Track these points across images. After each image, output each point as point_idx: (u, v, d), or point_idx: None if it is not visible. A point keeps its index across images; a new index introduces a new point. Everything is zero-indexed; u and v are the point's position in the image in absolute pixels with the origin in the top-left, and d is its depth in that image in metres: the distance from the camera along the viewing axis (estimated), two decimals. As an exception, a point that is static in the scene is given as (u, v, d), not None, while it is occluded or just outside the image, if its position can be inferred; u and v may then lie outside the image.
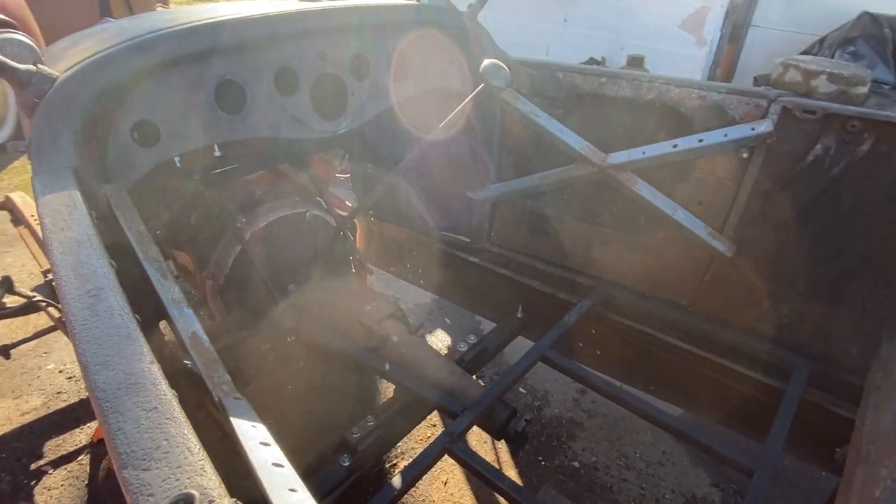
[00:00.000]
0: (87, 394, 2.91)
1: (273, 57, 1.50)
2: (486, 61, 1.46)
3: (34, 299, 2.44)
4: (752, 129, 1.72)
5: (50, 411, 2.76)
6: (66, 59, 1.26)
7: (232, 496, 0.49)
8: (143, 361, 0.58)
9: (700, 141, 1.79)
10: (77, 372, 3.02)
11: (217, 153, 1.44)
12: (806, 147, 1.70)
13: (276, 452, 0.72)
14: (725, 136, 1.75)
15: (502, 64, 1.47)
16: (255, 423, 0.81)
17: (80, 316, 0.64)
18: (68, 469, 2.46)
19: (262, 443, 0.73)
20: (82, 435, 2.65)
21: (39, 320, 2.77)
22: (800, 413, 1.72)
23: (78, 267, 0.73)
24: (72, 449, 2.57)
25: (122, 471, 0.47)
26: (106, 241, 0.91)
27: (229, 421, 0.80)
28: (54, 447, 2.56)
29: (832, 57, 3.61)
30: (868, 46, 3.55)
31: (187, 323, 0.99)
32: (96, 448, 2.57)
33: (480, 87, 1.48)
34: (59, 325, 2.53)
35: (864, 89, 1.79)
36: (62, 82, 1.11)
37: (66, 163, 1.04)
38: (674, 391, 2.16)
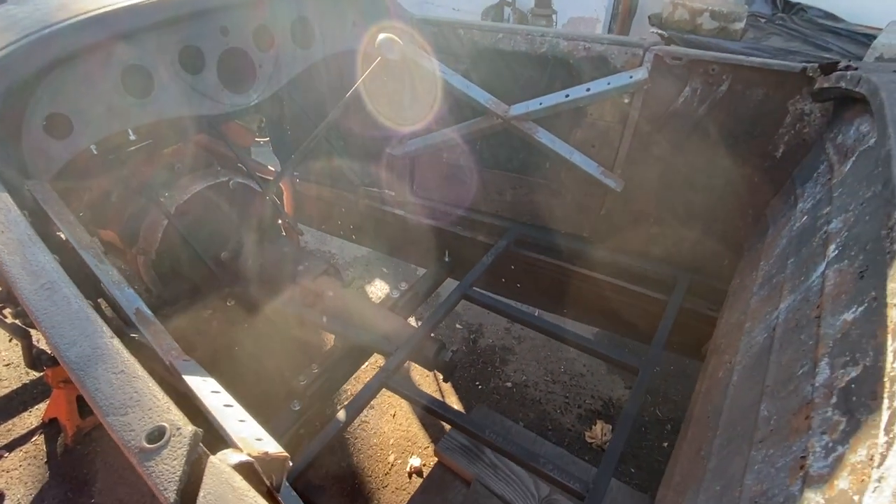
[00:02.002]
0: (28, 379, 2.93)
1: (174, 38, 1.52)
2: (381, 36, 1.55)
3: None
4: (631, 77, 1.92)
5: (-7, 399, 2.77)
6: (-41, 55, 1.26)
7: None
8: (105, 337, 0.72)
9: (588, 90, 1.98)
10: (14, 358, 3.01)
11: (132, 136, 1.49)
12: (677, 90, 1.93)
13: (225, 397, 0.88)
14: (608, 84, 1.95)
15: (395, 38, 1.57)
16: (205, 378, 0.96)
17: (42, 307, 0.76)
18: (24, 450, 2.52)
19: (212, 391, 0.90)
20: (31, 418, 2.69)
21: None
22: (681, 319, 2.04)
23: (27, 265, 0.83)
24: (24, 431, 2.62)
25: (106, 418, 0.62)
26: (40, 234, 1.00)
27: (183, 380, 0.96)
28: (5, 432, 2.60)
29: (719, -9, 3.86)
30: (750, -21, 3.82)
31: (130, 301, 1.11)
32: (49, 427, 2.63)
33: (378, 60, 1.58)
34: (-12, 314, 2.50)
35: (741, 24, 2.02)
36: None
37: (-15, 164, 1.09)
38: (583, 312, 2.46)
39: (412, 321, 2.95)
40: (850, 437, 0.71)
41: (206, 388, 0.89)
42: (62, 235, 1.19)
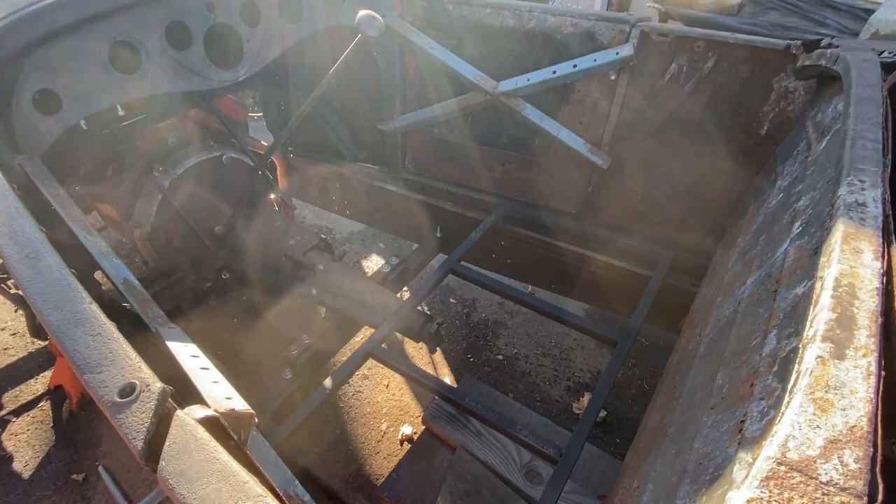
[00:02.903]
0: (34, 347, 3.02)
1: (161, 14, 1.55)
2: (361, 13, 1.57)
3: (-40, 263, 2.47)
4: (617, 54, 1.93)
5: (1, 367, 2.87)
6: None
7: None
8: (84, 303, 0.77)
9: (574, 66, 1.99)
10: (20, 328, 3.10)
11: (120, 112, 1.53)
12: (663, 66, 1.94)
13: (203, 361, 0.94)
14: (595, 60, 1.96)
15: (375, 14, 1.58)
16: (187, 344, 1.02)
17: (26, 275, 0.81)
18: (31, 415, 2.63)
19: (192, 356, 0.95)
20: (38, 385, 2.79)
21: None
22: (663, 294, 2.09)
23: (13, 236, 0.88)
24: (31, 398, 2.73)
25: (83, 375, 0.68)
26: (30, 207, 1.05)
27: (166, 345, 1.01)
28: (13, 398, 2.70)
29: (721, -36, 3.79)
30: (753, -48, 3.75)
31: (118, 271, 1.17)
32: (55, 393, 2.73)
33: (358, 37, 1.60)
34: (-7, 285, 2.58)
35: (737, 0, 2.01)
36: None
37: (-25, 140, 1.14)
38: (570, 287, 2.51)
39: (403, 295, 3.02)
40: (781, 403, 0.76)
41: (187, 353, 0.95)
42: (57, 210, 1.24)
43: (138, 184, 2.17)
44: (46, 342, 2.92)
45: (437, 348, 3.12)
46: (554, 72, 2.03)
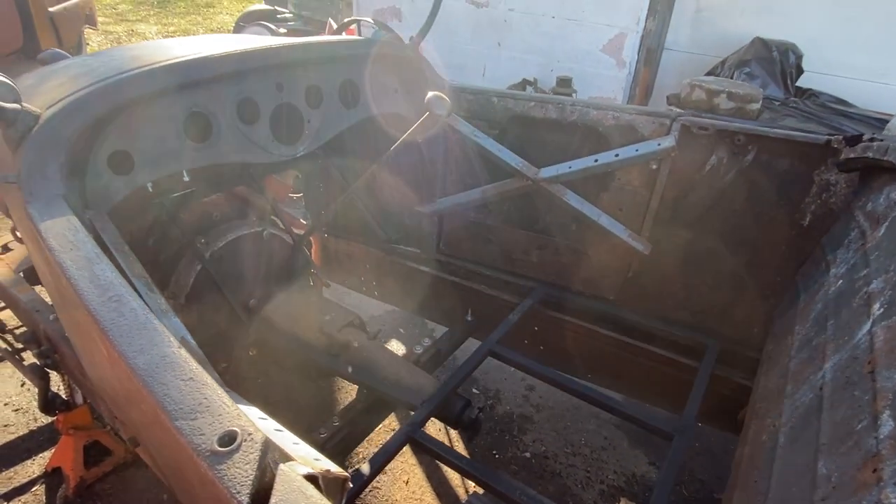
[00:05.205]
0: (35, 426, 2.86)
1: (236, 90, 1.64)
2: (430, 94, 1.66)
3: (-21, 332, 2.41)
4: (659, 145, 2.00)
5: (-2, 445, 2.70)
6: (41, 95, 1.36)
7: None
8: (173, 346, 0.72)
9: (616, 156, 2.06)
10: (24, 404, 2.96)
11: (186, 178, 1.57)
12: (703, 158, 2.01)
13: (273, 423, 0.87)
14: (637, 150, 2.03)
15: (444, 95, 1.68)
16: (249, 406, 0.95)
17: (109, 317, 0.77)
18: (22, 500, 2.43)
19: (260, 418, 0.89)
20: (34, 466, 2.61)
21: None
22: (711, 386, 2.00)
23: (94, 279, 0.86)
24: (24, 481, 2.53)
25: (174, 422, 0.62)
26: None
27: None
28: (6, 480, 2.51)
29: (731, 77, 4.08)
30: (760, 67, 4.05)
31: (176, 330, 1.13)
32: (51, 477, 2.54)
33: (426, 115, 1.68)
34: (6, 355, 2.49)
35: (757, 105, 2.12)
36: (48, 119, 1.21)
37: (55, 191, 1.14)
38: (607, 377, 2.41)
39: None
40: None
41: (255, 414, 0.88)
42: (121, 264, 1.23)
43: (178, 255, 2.17)
44: (53, 419, 2.77)
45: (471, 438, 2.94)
46: (596, 160, 2.10)
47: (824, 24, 4.19)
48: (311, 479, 0.60)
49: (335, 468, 0.68)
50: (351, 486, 0.68)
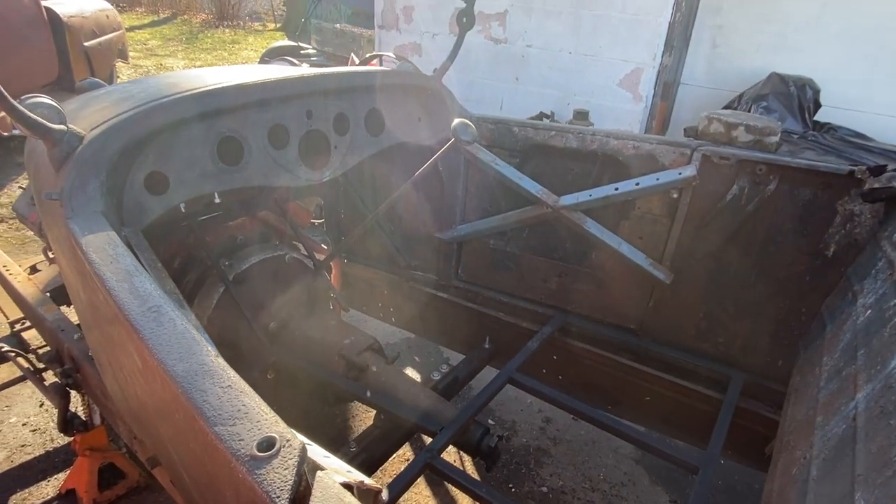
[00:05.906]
0: (52, 447, 2.87)
1: (267, 116, 1.70)
2: (457, 120, 1.70)
3: (2, 350, 2.45)
4: (679, 174, 2.02)
5: (14, 465, 2.70)
6: (84, 118, 1.42)
7: None
8: (210, 355, 0.74)
9: (637, 184, 2.08)
10: (41, 424, 2.97)
11: (217, 200, 1.61)
12: (725, 188, 2.01)
13: (302, 437, 0.87)
14: (657, 179, 2.05)
15: (469, 122, 1.72)
16: (277, 421, 0.96)
17: (148, 327, 0.79)
18: (35, 522, 2.41)
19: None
20: (49, 487, 2.60)
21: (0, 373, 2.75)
22: (735, 419, 1.95)
23: (134, 291, 0.88)
24: (38, 502, 2.52)
25: (213, 428, 0.63)
26: None
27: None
28: (20, 501, 2.51)
29: (748, 111, 4.11)
30: (777, 101, 4.08)
31: (209, 343, 1.14)
32: (65, 499, 2.53)
33: (451, 141, 1.72)
34: (29, 374, 2.52)
35: (775, 138, 2.12)
36: (91, 140, 1.27)
37: (95, 208, 1.19)
38: (627, 407, 2.36)
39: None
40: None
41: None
42: (155, 281, 1.25)
43: (202, 277, 2.20)
44: (70, 440, 2.78)
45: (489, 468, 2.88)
46: (616, 188, 2.11)
47: (841, 59, 4.23)
48: (348, 487, 0.60)
49: (369, 480, 0.68)
50: (385, 499, 0.68)
